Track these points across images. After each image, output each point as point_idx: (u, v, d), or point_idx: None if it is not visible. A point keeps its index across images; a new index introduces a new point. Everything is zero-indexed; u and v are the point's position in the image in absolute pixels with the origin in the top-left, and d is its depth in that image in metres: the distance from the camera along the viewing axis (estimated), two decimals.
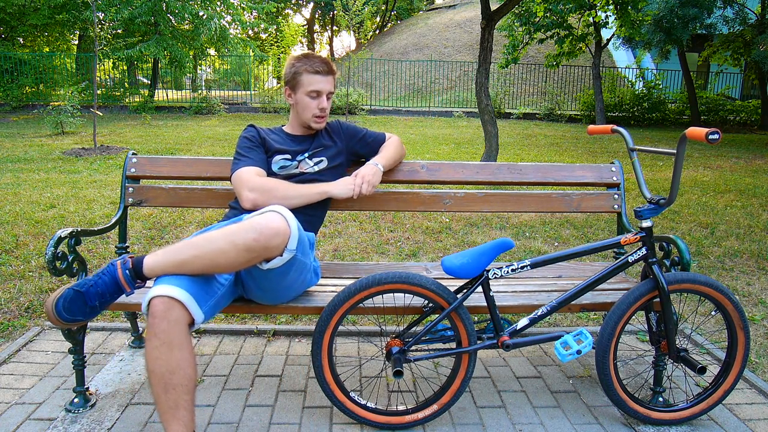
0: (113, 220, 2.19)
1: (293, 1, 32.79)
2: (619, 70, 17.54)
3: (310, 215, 2.04)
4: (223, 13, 15.87)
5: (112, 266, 1.59)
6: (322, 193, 1.99)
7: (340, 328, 2.44)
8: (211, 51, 17.99)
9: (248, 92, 17.49)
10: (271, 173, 2.03)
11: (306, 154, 2.10)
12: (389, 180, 2.31)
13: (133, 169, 2.29)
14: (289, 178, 2.03)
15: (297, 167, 2.07)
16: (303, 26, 35.24)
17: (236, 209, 2.01)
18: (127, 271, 1.57)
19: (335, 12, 28.21)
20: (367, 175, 2.05)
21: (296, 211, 1.95)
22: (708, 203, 5.28)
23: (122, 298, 1.85)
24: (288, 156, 2.07)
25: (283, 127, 2.21)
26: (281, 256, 1.62)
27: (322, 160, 2.11)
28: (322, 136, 2.17)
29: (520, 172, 2.38)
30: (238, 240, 1.55)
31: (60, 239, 1.82)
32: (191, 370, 1.54)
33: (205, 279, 1.65)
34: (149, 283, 1.61)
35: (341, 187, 2.00)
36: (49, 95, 14.99)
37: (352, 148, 2.22)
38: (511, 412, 2.01)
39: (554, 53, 13.06)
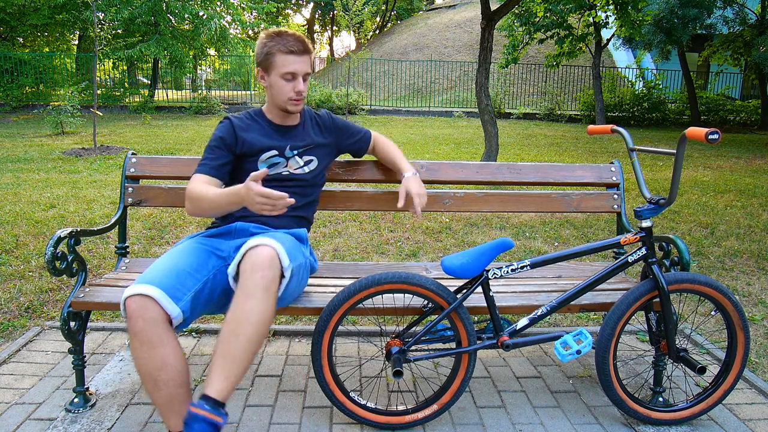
0: (113, 220, 2.19)
1: (293, 1, 32.79)
2: (619, 70, 17.54)
3: (296, 216, 2.00)
4: (223, 13, 15.88)
5: (193, 416, 1.44)
6: (234, 204, 1.69)
7: (340, 328, 2.45)
8: (211, 51, 18.00)
9: (248, 92, 17.50)
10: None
11: (295, 152, 1.98)
12: (390, 180, 2.31)
13: (132, 169, 2.29)
14: (280, 181, 1.94)
15: (286, 165, 1.97)
16: (303, 26, 35.25)
17: (216, 221, 2.01)
18: (205, 407, 1.44)
19: (335, 12, 28.20)
20: (420, 191, 2.02)
21: (282, 214, 1.76)
22: (708, 203, 5.28)
23: (111, 298, 1.85)
24: (275, 152, 1.95)
25: (263, 110, 2.03)
26: (284, 277, 1.64)
27: (312, 160, 2.02)
28: (312, 128, 2.06)
29: (520, 172, 2.38)
30: (252, 288, 1.55)
31: (59, 239, 1.82)
32: (178, 363, 1.55)
33: (179, 274, 1.64)
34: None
35: (251, 205, 1.58)
36: (49, 95, 14.99)
37: (340, 144, 2.15)
38: (511, 412, 2.01)
39: (554, 53, 13.06)
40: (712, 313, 2.73)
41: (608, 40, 13.02)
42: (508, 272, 1.82)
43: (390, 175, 2.29)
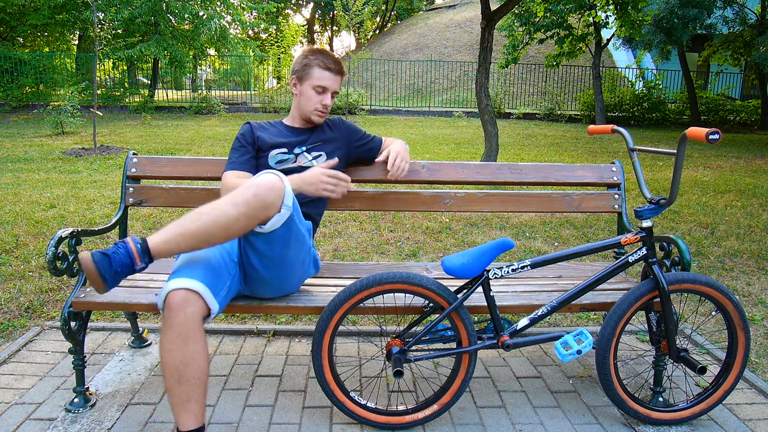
0: (113, 220, 2.19)
1: (293, 1, 32.78)
2: (619, 70, 17.54)
3: (305, 214, 2.03)
4: (223, 13, 15.87)
5: (123, 243, 1.55)
6: (294, 190, 1.82)
7: (341, 328, 2.45)
8: (211, 51, 18.00)
9: (248, 92, 17.50)
10: (268, 168, 2.01)
11: (304, 147, 2.08)
12: (390, 180, 2.30)
13: (133, 169, 2.29)
14: (288, 172, 1.99)
15: (295, 161, 2.06)
16: (303, 26, 35.24)
17: None
18: (138, 245, 1.54)
19: (335, 12, 28.23)
20: (400, 150, 2.10)
21: None
22: (708, 203, 5.28)
23: (127, 298, 1.86)
24: (284, 150, 2.06)
25: (284, 120, 2.20)
26: (279, 212, 1.63)
27: (320, 155, 2.09)
28: (322, 130, 2.16)
29: (521, 172, 2.38)
30: (238, 198, 1.57)
31: (60, 239, 1.82)
32: (204, 363, 1.57)
33: (215, 269, 1.67)
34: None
35: (315, 184, 1.86)
36: (49, 95, 14.98)
37: (350, 145, 2.21)
38: (511, 412, 2.01)
39: (554, 53, 13.06)
40: (713, 313, 2.73)
41: (608, 40, 13.02)
42: (508, 272, 1.82)
43: None
